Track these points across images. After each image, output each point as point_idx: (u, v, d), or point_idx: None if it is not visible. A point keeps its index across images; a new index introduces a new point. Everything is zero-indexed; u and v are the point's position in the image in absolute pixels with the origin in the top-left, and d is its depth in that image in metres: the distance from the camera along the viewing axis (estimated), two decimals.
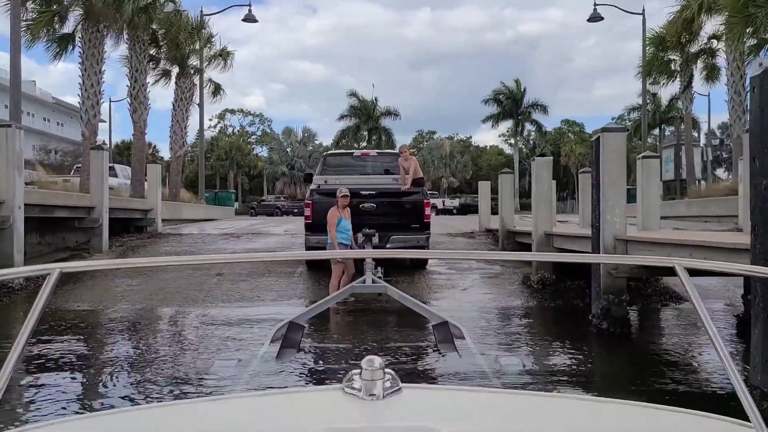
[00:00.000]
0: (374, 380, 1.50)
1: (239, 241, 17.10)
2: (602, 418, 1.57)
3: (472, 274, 12.64)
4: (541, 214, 11.46)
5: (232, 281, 11.95)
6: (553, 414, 1.60)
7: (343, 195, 10.09)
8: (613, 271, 7.66)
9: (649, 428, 1.54)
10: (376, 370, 1.51)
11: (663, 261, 1.69)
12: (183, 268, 12.91)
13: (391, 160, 13.62)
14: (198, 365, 6.81)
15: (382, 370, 1.52)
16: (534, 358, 7.24)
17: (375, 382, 1.49)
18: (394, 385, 1.52)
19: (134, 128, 22.63)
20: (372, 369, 1.51)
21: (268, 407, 1.63)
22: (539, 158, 11.56)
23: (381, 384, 1.50)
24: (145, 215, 18.28)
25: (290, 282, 11.93)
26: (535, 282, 11.40)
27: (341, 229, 10.07)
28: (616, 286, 7.75)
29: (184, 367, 6.78)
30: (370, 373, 1.50)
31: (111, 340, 8.36)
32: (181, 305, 10.46)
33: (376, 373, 1.50)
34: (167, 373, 6.55)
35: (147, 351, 7.71)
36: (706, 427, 1.52)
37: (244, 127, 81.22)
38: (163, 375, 6.49)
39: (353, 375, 1.54)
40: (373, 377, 1.50)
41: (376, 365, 1.51)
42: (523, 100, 57.18)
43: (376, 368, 1.51)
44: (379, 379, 1.50)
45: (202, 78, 28.04)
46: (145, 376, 6.43)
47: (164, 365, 6.93)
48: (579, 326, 8.97)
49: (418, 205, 11.86)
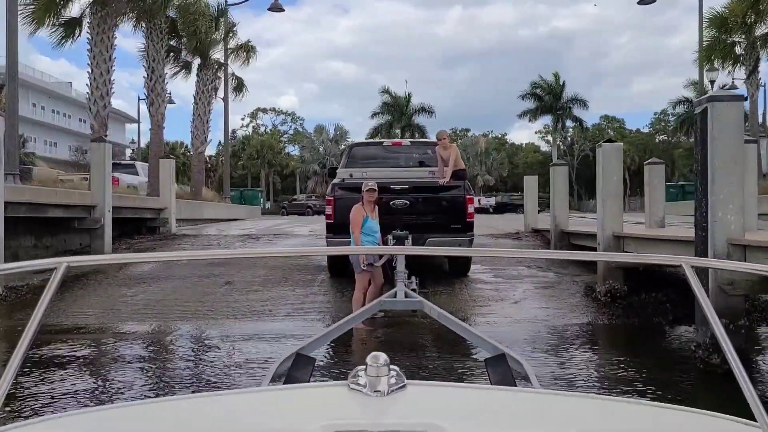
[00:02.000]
0: (379, 377, 1.49)
1: (258, 244, 15.46)
2: (610, 417, 1.55)
3: (522, 283, 10.72)
4: (610, 212, 9.49)
5: (241, 291, 10.26)
6: (560, 412, 1.56)
7: (370, 189, 8.30)
8: (726, 287, 5.70)
9: (656, 428, 1.52)
10: (381, 367, 1.50)
11: (670, 259, 1.76)
12: (189, 275, 11.30)
13: (427, 150, 11.80)
14: None
15: (387, 366, 1.51)
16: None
17: (380, 379, 1.49)
18: (399, 382, 1.51)
19: (151, 122, 21.23)
20: (377, 365, 1.50)
21: (274, 403, 1.63)
22: (607, 144, 9.60)
23: (386, 380, 1.49)
24: (157, 215, 16.76)
25: (309, 292, 10.19)
26: (602, 294, 9.44)
27: (367, 231, 8.29)
28: (730, 306, 5.78)
29: None
30: (375, 369, 1.50)
31: (69, 369, 6.59)
32: (178, 321, 8.79)
33: (381, 369, 1.50)
34: None
35: (106, 387, 5.98)
36: (713, 427, 1.50)
37: (276, 126, 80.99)
38: None
39: (358, 371, 1.54)
40: (378, 374, 1.50)
41: (381, 362, 1.51)
42: (562, 94, 54.96)
43: (381, 365, 1.50)
44: (384, 376, 1.50)
45: (227, 70, 26.59)
46: None
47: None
48: (677, 359, 6.96)
49: (460, 202, 9.99)
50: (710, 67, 28.41)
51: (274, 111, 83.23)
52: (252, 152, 72.03)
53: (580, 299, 9.64)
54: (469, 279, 10.93)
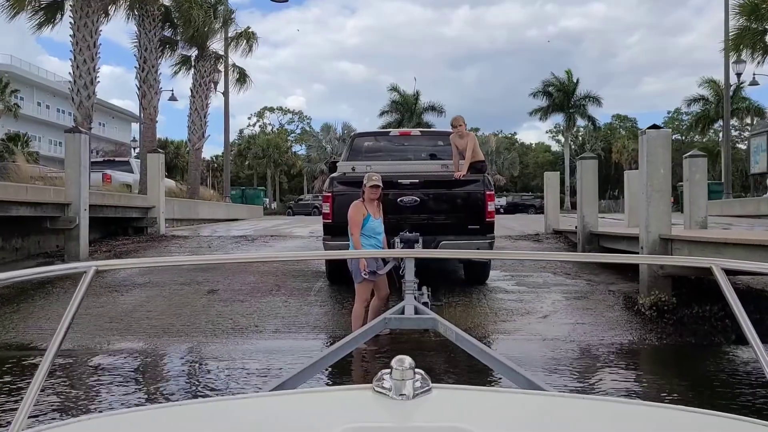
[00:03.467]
0: (404, 380, 1.46)
1: (252, 246, 14.10)
2: (636, 421, 1.50)
3: (550, 292, 9.30)
4: (656, 211, 8.06)
5: (226, 302, 8.90)
6: (586, 416, 1.52)
7: (373, 184, 6.92)
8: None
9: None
10: (406, 370, 1.47)
11: (699, 261, 1.65)
12: (169, 282, 9.96)
13: (439, 141, 10.43)
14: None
15: (412, 369, 1.48)
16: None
17: (405, 382, 1.46)
18: (424, 385, 1.48)
19: (143, 115, 19.94)
20: (402, 369, 1.47)
21: (298, 405, 1.60)
22: (652, 131, 8.15)
23: (411, 384, 1.46)
24: (145, 214, 15.41)
25: (304, 303, 8.81)
26: (647, 307, 8.01)
27: (369, 232, 6.92)
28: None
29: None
30: (400, 372, 1.47)
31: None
32: (143, 340, 7.43)
33: (406, 372, 1.47)
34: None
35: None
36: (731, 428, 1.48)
37: (283, 125, 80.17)
38: None
39: (383, 374, 1.51)
40: (403, 377, 1.46)
41: (406, 365, 1.48)
42: (575, 92, 53.53)
43: (406, 368, 1.47)
44: (409, 379, 1.46)
45: (227, 61, 25.26)
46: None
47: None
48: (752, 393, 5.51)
49: (478, 199, 8.58)
50: (737, 58, 26.90)
51: (281, 110, 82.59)
52: (258, 151, 71.05)
53: (620, 313, 8.21)
54: (488, 288, 9.53)
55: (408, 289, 6.46)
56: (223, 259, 8.92)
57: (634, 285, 9.41)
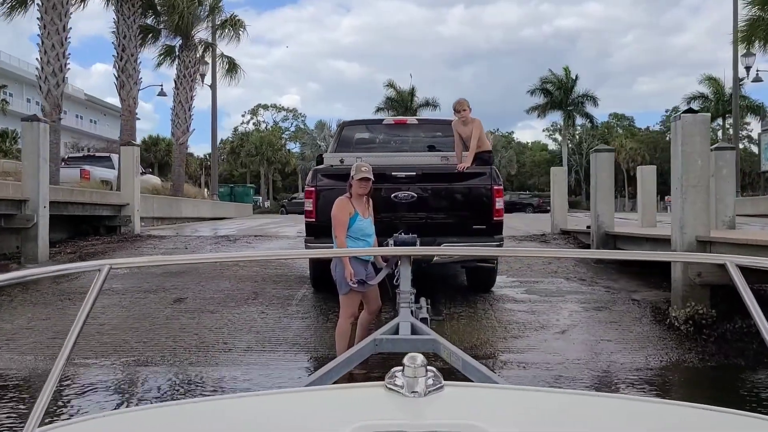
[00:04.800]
0: (416, 377, 1.45)
1: (234, 246, 12.92)
2: (649, 419, 1.47)
3: (565, 302, 8.15)
4: (692, 210, 6.90)
5: (193, 313, 7.71)
6: (599, 414, 1.49)
7: (363, 177, 5.74)
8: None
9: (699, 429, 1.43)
10: (418, 367, 1.46)
11: (714, 258, 1.68)
12: (132, 289, 8.78)
13: (440, 131, 9.28)
14: None
15: (424, 367, 1.47)
16: None
17: (417, 380, 1.44)
18: (436, 383, 1.46)
19: (122, 106, 18.74)
20: (414, 366, 1.46)
21: (311, 403, 1.59)
22: (688, 115, 6.99)
23: (423, 381, 1.45)
24: (118, 212, 14.20)
25: (283, 314, 7.64)
26: (681, 320, 6.87)
27: (357, 233, 5.74)
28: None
29: None
30: (412, 370, 1.45)
31: None
32: (84, 361, 6.22)
33: (419, 370, 1.46)
34: None
35: None
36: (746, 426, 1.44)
37: (277, 123, 79.22)
38: None
39: (395, 372, 1.49)
40: (415, 374, 1.45)
41: (419, 362, 1.46)
42: (573, 89, 52.49)
43: (419, 365, 1.46)
44: (421, 377, 1.45)
45: (215, 52, 24.04)
46: None
47: None
48: None
49: (484, 194, 7.41)
50: (747, 51, 25.89)
51: (275, 107, 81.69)
52: (251, 149, 69.93)
53: (650, 327, 7.06)
54: (494, 296, 8.38)
55: (403, 301, 5.29)
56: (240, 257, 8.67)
57: (660, 293, 8.30)
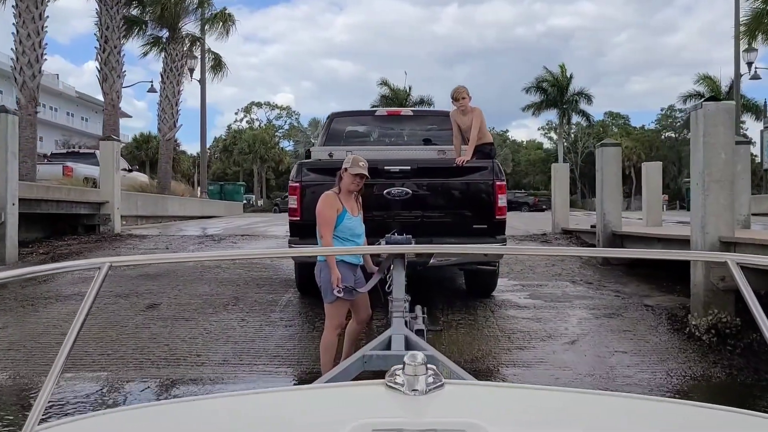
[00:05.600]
0: (417, 375, 1.44)
1: (218, 247, 12.23)
2: (650, 417, 1.47)
3: (573, 308, 7.50)
4: (714, 207, 6.26)
5: (166, 320, 7.03)
6: (599, 412, 1.49)
7: (358, 173, 5.08)
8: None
9: (706, 428, 1.43)
10: (418, 365, 1.45)
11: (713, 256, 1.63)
12: (102, 294, 8.06)
13: (436, 123, 8.62)
14: None
15: (424, 365, 1.46)
16: None
17: (418, 377, 1.44)
18: (437, 381, 1.46)
19: (104, 100, 18.00)
20: (415, 364, 1.45)
21: (311, 401, 1.60)
22: (710, 104, 6.33)
23: (424, 379, 1.44)
24: (97, 210, 13.48)
25: (265, 322, 6.97)
26: (703, 330, 6.23)
27: (345, 233, 5.08)
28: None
29: None
30: (412, 368, 1.45)
31: None
32: (30, 379, 5.54)
33: (419, 368, 1.45)
34: None
35: None
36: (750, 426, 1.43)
37: (271, 121, 78.65)
38: None
39: (396, 370, 1.48)
40: (415, 372, 1.44)
41: (419, 360, 1.46)
42: (569, 87, 51.97)
43: (419, 363, 1.45)
44: (422, 375, 1.44)
45: (204, 46, 23.31)
46: None
47: None
48: None
49: (486, 191, 6.76)
50: (749, 46, 25.38)
51: (268, 105, 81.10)
52: (244, 147, 69.23)
53: (668, 337, 6.42)
54: (495, 301, 7.73)
55: (396, 310, 4.64)
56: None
57: (674, 298, 7.67)
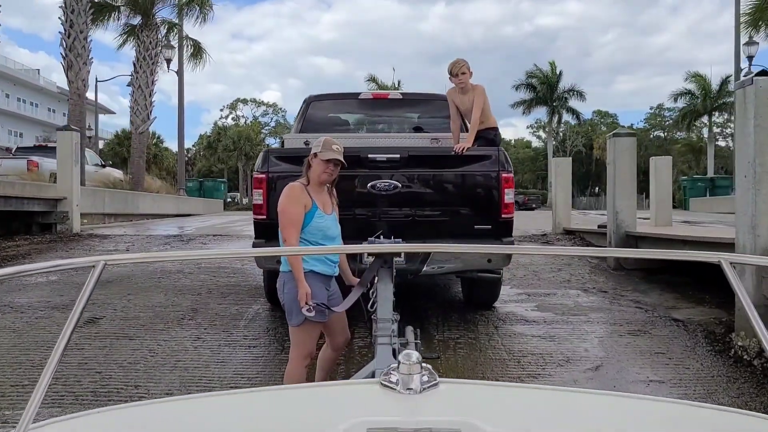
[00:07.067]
0: (411, 374, 1.46)
1: (185, 248, 11.05)
2: (644, 416, 1.48)
3: (590, 323, 6.39)
4: (765, 206, 5.19)
5: (105, 340, 5.83)
6: (594, 411, 1.49)
7: (331, 158, 3.95)
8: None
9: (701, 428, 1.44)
10: (413, 365, 1.47)
11: (708, 256, 1.63)
12: (38, 305, 6.90)
13: (430, 108, 7.53)
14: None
15: (419, 364, 1.48)
16: None
17: (412, 377, 1.45)
18: (431, 380, 1.48)
19: (69, 89, 16.70)
20: (409, 363, 1.47)
21: (305, 400, 1.60)
22: (762, 79, 5.29)
23: (419, 378, 1.46)
24: (53, 207, 12.23)
25: (225, 341, 5.80)
26: (753, 353, 5.15)
27: (315, 235, 3.94)
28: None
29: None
30: (407, 367, 1.46)
31: None
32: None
33: (414, 367, 1.46)
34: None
35: None
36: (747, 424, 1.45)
37: (257, 118, 77.57)
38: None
39: (390, 369, 1.50)
40: (410, 371, 1.46)
41: (414, 359, 1.47)
42: (558, 84, 51.24)
43: (414, 362, 1.47)
44: (416, 373, 1.46)
45: (181, 33, 22.06)
46: None
47: None
48: None
49: (490, 185, 5.63)
50: (749, 39, 24.59)
51: (254, 102, 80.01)
52: (228, 143, 68.00)
53: (711, 362, 5.32)
54: (498, 314, 6.61)
55: (382, 335, 3.54)
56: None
57: (706, 311, 6.60)
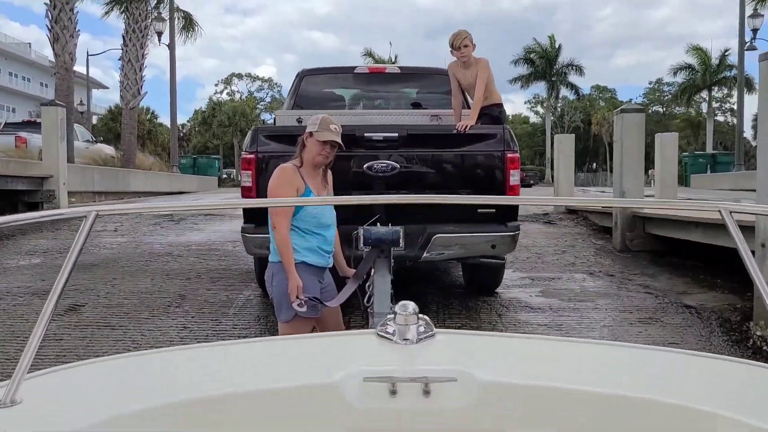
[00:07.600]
0: (408, 325, 1.47)
1: (176, 228, 10.71)
2: (639, 363, 1.52)
3: (597, 310, 6.07)
4: None
5: (84, 329, 5.50)
6: (588, 359, 1.52)
7: (328, 139, 3.58)
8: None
9: (686, 373, 1.48)
10: (409, 315, 1.48)
11: (707, 206, 1.56)
12: (19, 291, 6.57)
13: (430, 83, 7.14)
14: None
15: (415, 314, 1.49)
16: None
17: (409, 327, 1.47)
18: (428, 330, 1.49)
19: (56, 63, 16.22)
20: (406, 314, 1.48)
21: (303, 349, 1.59)
22: None
23: (415, 328, 1.47)
24: (39, 186, 11.84)
25: (213, 331, 5.46)
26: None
27: (308, 223, 3.59)
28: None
29: None
30: (404, 317, 1.48)
31: None
32: None
33: (410, 317, 1.48)
34: None
35: None
36: (728, 370, 1.49)
37: (252, 93, 76.65)
38: None
39: (387, 320, 1.52)
40: (407, 322, 1.48)
41: (410, 310, 1.49)
42: (557, 59, 50.65)
43: (410, 313, 1.49)
44: (413, 324, 1.48)
45: (172, 4, 21.43)
46: None
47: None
48: None
49: (494, 164, 5.26)
50: (754, 12, 24.18)
51: (249, 77, 78.99)
52: (223, 119, 67.19)
53: (729, 353, 4.98)
54: (501, 301, 6.29)
55: (378, 324, 3.17)
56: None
57: (719, 296, 6.30)
